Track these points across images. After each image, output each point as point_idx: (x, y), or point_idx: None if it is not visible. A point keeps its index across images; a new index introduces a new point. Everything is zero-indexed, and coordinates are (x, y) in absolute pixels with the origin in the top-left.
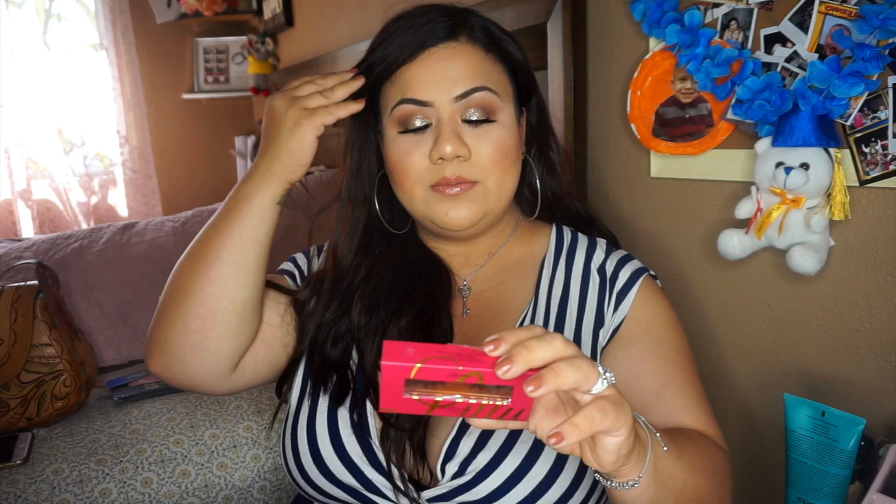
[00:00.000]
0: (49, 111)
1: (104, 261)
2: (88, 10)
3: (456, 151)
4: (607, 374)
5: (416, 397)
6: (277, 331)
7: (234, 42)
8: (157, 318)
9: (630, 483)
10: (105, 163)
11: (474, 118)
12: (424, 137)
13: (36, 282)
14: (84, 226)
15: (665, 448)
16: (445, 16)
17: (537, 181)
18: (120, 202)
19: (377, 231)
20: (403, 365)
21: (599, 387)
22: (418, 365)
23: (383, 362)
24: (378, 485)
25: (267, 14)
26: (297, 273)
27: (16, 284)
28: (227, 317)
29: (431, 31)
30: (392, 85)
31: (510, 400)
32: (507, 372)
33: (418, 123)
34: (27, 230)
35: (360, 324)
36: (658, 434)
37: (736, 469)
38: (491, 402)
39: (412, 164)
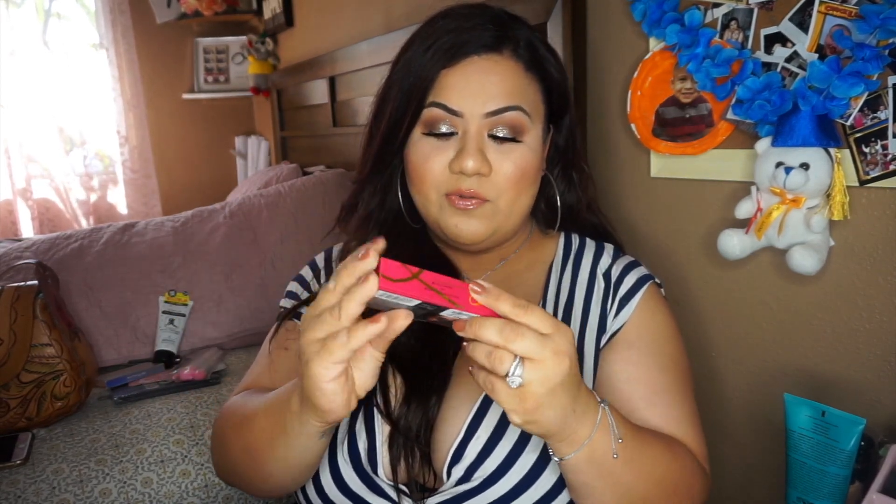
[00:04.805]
0: (49, 111)
1: (104, 261)
2: (88, 10)
3: (477, 168)
4: (514, 376)
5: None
6: None
7: (234, 42)
8: (218, 463)
9: (560, 458)
10: (106, 162)
11: (501, 135)
12: (448, 144)
13: (36, 282)
14: (84, 225)
15: (615, 454)
16: (494, 24)
17: (557, 198)
18: (120, 202)
19: (392, 223)
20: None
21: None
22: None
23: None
24: (384, 487)
25: (267, 14)
26: (305, 294)
27: (16, 284)
28: (292, 489)
29: (476, 39)
30: (430, 85)
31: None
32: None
33: (444, 129)
34: (27, 230)
35: None
36: (617, 433)
37: (736, 469)
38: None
39: (431, 168)
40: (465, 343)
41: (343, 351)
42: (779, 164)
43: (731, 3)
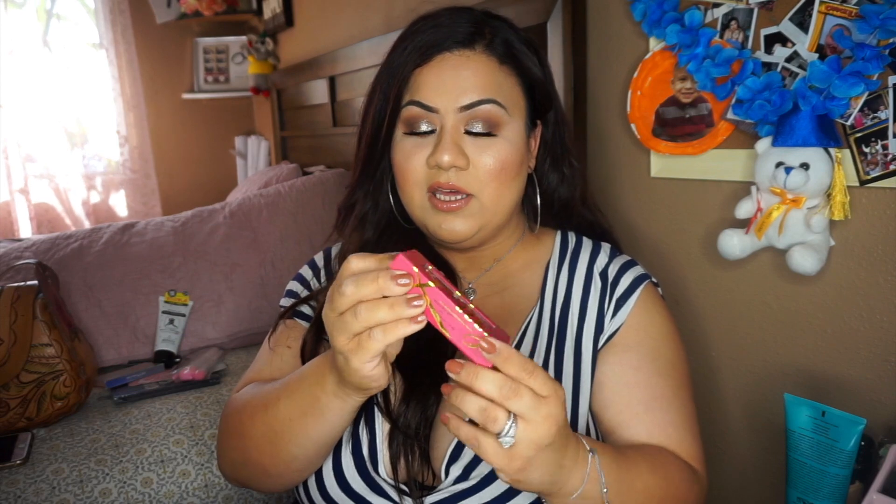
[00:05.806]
0: (49, 111)
1: (104, 261)
2: (89, 10)
3: (452, 162)
4: (508, 436)
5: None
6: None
7: (234, 42)
8: (227, 455)
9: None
10: (107, 162)
11: (476, 130)
12: (427, 141)
13: (36, 282)
14: (84, 226)
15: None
16: (467, 22)
17: (538, 195)
18: (119, 202)
19: (385, 225)
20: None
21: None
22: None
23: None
24: (384, 487)
25: (267, 14)
26: (306, 292)
27: (16, 284)
28: (309, 473)
29: (449, 36)
30: (405, 84)
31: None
32: (453, 367)
33: (424, 128)
34: (25, 230)
35: None
36: (604, 481)
37: (736, 469)
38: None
39: (412, 166)
40: (446, 388)
41: (380, 345)
42: (779, 164)
43: (731, 3)
